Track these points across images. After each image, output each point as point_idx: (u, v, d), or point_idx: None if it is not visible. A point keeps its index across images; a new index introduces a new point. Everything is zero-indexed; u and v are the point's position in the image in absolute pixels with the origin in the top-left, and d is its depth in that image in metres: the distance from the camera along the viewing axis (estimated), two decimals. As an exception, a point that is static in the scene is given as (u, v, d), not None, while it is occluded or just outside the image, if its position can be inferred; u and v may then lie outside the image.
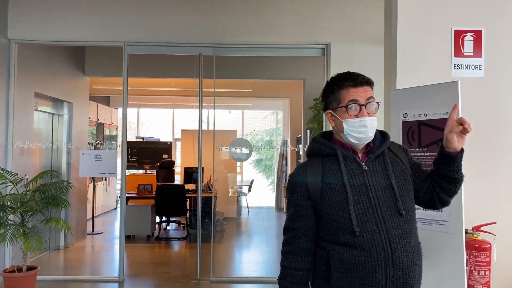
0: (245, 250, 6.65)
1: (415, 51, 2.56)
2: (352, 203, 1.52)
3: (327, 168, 1.60)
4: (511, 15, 2.56)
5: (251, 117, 12.07)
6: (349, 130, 1.59)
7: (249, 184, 8.95)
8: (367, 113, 1.58)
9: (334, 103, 1.62)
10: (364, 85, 1.59)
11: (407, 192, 1.61)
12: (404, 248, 1.50)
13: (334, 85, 1.62)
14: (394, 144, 1.73)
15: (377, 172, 1.59)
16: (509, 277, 2.49)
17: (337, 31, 4.53)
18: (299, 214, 1.62)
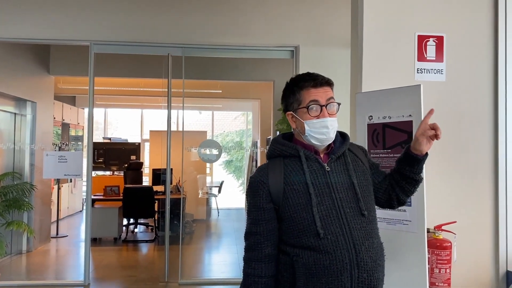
0: (215, 251, 6.63)
1: (380, 55, 2.62)
2: (315, 205, 1.50)
3: (289, 169, 1.57)
4: (470, 22, 2.66)
5: (221, 118, 12.05)
6: (310, 131, 1.58)
7: (219, 185, 8.92)
8: (328, 114, 1.58)
9: (294, 104, 1.61)
10: (324, 86, 1.59)
11: (368, 193, 1.63)
12: (368, 249, 1.51)
13: (294, 86, 1.62)
14: (353, 144, 1.75)
15: (339, 172, 1.59)
16: (467, 274, 2.58)
17: (306, 34, 4.59)
18: (261, 217, 1.58)
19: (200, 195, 8.22)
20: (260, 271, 1.57)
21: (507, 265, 2.61)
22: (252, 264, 1.59)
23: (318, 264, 1.47)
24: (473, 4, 2.67)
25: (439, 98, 2.61)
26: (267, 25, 4.59)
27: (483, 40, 2.66)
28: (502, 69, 2.63)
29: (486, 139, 2.64)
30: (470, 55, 2.65)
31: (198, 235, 7.45)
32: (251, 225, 1.61)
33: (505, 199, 2.61)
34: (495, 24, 2.65)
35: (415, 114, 2.27)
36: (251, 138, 10.34)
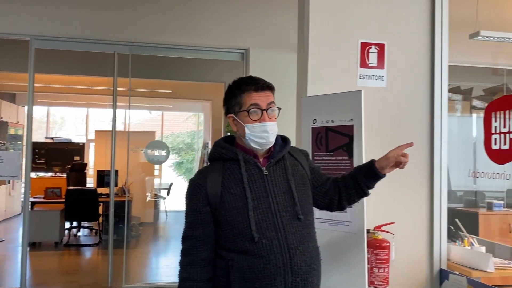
0: (162, 255, 6.51)
1: (325, 61, 2.68)
2: (252, 208, 1.50)
3: (228, 172, 1.57)
4: (410, 31, 2.78)
5: (172, 119, 11.86)
6: (250, 135, 1.58)
7: (168, 187, 8.77)
8: (268, 118, 1.59)
9: (236, 107, 1.62)
10: (266, 90, 1.61)
11: (306, 197, 1.64)
12: (302, 253, 1.51)
13: (236, 88, 1.62)
14: (295, 148, 1.77)
15: (277, 176, 1.60)
16: (404, 272, 2.69)
17: (256, 37, 4.62)
18: (197, 221, 1.56)
19: (149, 198, 8.04)
20: (195, 275, 1.55)
21: (441, 263, 2.75)
22: (188, 268, 1.57)
23: (252, 268, 1.47)
24: (412, 14, 2.80)
25: (379, 103, 2.71)
26: (217, 26, 4.57)
27: (421, 48, 2.79)
28: (438, 76, 2.77)
29: (423, 143, 2.76)
30: (409, 62, 2.78)
31: (145, 238, 7.28)
32: (188, 229, 1.59)
33: (439, 200, 2.74)
34: (432, 34, 2.79)
35: (356, 118, 2.34)
36: (202, 140, 10.26)
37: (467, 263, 2.80)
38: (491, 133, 2.36)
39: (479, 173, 2.88)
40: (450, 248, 2.90)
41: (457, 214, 5.02)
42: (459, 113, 5.64)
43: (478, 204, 5.30)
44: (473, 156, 4.89)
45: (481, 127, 2.63)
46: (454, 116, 5.63)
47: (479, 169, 2.97)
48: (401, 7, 2.78)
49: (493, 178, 2.61)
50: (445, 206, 2.75)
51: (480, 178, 5.12)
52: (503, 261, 2.98)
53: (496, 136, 2.35)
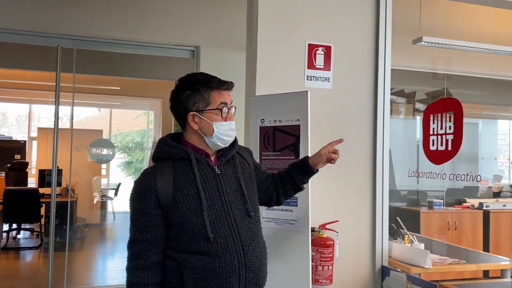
0: (108, 257, 6.31)
1: (273, 61, 2.70)
2: (206, 209, 1.49)
3: (179, 173, 1.53)
4: (355, 35, 2.85)
5: (121, 117, 11.52)
6: (219, 133, 1.58)
7: (116, 187, 8.51)
8: (232, 117, 1.65)
9: (200, 104, 1.57)
10: (231, 89, 1.65)
11: (254, 194, 1.69)
12: (254, 250, 1.56)
13: (200, 85, 1.58)
14: (240, 147, 1.79)
15: (229, 175, 1.61)
16: (348, 270, 2.76)
17: (207, 35, 4.57)
18: (148, 224, 1.51)
19: (97, 198, 7.77)
20: (146, 279, 1.51)
21: (382, 260, 2.83)
22: (138, 272, 1.52)
23: (208, 268, 1.47)
24: (358, 18, 2.87)
25: (325, 104, 2.76)
26: (167, 22, 4.48)
27: (365, 52, 2.87)
28: (381, 79, 2.86)
29: (366, 144, 2.84)
30: (354, 65, 2.84)
31: (91, 240, 7.02)
32: (137, 233, 1.52)
33: (381, 199, 2.83)
34: (376, 38, 2.88)
35: (303, 118, 2.37)
36: (152, 139, 10.03)
37: (407, 259, 2.91)
38: (429, 134, 2.47)
39: (419, 173, 3.00)
40: (392, 246, 3.00)
41: (400, 212, 5.23)
42: (403, 115, 5.86)
43: (420, 203, 5.54)
44: (417, 157, 5.11)
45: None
46: (398, 119, 5.85)
47: (421, 170, 3.10)
48: (347, 11, 2.85)
49: (431, 178, 2.73)
50: (387, 205, 2.85)
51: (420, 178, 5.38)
52: (440, 257, 3.13)
53: (433, 137, 2.46)
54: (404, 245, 3.05)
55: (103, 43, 4.45)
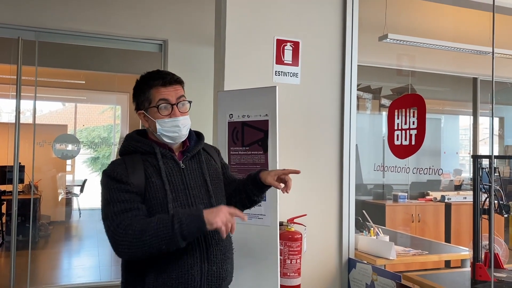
0: (73, 255, 6.16)
1: (242, 56, 2.69)
2: (171, 201, 1.51)
3: (147, 164, 1.56)
4: (323, 31, 2.89)
5: (86, 112, 11.22)
6: (162, 130, 1.58)
7: (82, 184, 8.31)
8: (179, 113, 1.59)
9: (145, 103, 1.60)
10: (174, 84, 1.60)
11: (220, 189, 1.71)
12: (217, 243, 1.58)
13: (143, 84, 1.60)
14: (208, 145, 1.81)
15: (193, 170, 1.63)
16: (315, 263, 2.80)
17: (175, 29, 4.51)
18: (134, 199, 1.47)
19: (63, 195, 7.56)
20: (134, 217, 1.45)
21: (349, 253, 2.90)
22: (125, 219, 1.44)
23: (169, 260, 1.48)
24: (325, 14, 2.90)
25: (293, 99, 2.78)
26: (134, 15, 4.39)
27: (333, 48, 2.91)
28: (348, 75, 2.91)
29: (333, 138, 2.89)
30: (322, 61, 2.88)
31: (55, 238, 6.83)
32: (124, 204, 1.45)
33: (348, 193, 2.89)
34: (343, 35, 2.92)
35: (271, 113, 2.38)
36: (119, 134, 9.84)
37: (372, 251, 2.98)
38: (394, 129, 2.53)
39: (384, 167, 3.07)
40: (358, 238, 3.07)
41: (367, 206, 5.36)
42: (369, 111, 5.99)
43: (386, 196, 5.68)
44: (382, 151, 5.24)
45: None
46: (365, 114, 5.97)
47: (387, 164, 3.17)
48: (315, 7, 2.87)
49: (396, 172, 2.80)
50: (353, 199, 2.91)
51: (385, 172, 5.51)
52: (404, 248, 3.23)
53: (398, 132, 2.53)
54: (370, 237, 3.13)
55: (67, 36, 4.32)
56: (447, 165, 6.47)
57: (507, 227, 6.21)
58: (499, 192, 2.32)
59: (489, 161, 2.23)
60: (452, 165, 6.59)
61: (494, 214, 2.31)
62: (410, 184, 5.89)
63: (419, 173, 2.84)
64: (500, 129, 7.16)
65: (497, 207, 2.31)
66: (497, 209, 2.31)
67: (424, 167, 2.74)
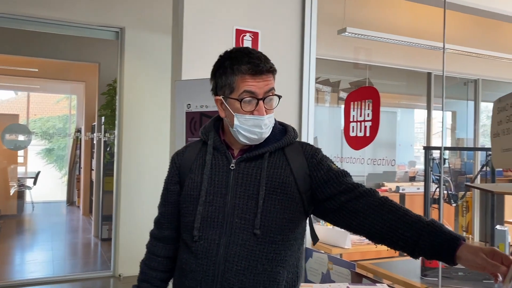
0: (26, 249, 5.92)
1: (200, 45, 2.65)
2: (202, 203, 1.28)
3: (199, 155, 1.37)
4: (282, 23, 2.89)
5: (40, 101, 10.78)
6: (239, 127, 1.28)
7: (35, 176, 7.99)
8: (265, 110, 1.29)
9: (226, 89, 1.30)
10: (266, 74, 1.30)
11: (280, 209, 1.27)
12: (242, 273, 1.24)
13: (228, 66, 1.30)
14: (296, 147, 1.38)
15: (247, 175, 1.29)
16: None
17: (132, 17, 4.39)
18: (165, 198, 1.44)
19: (12, 188, 7.25)
20: (157, 250, 1.46)
21: (306, 242, 2.93)
22: (152, 240, 1.48)
23: (187, 264, 1.31)
24: (285, 6, 2.90)
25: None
26: (90, 1, 4.24)
27: (292, 40, 2.92)
28: (307, 68, 2.94)
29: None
30: (281, 53, 2.89)
31: (6, 232, 6.55)
32: (159, 204, 1.47)
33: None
34: (302, 27, 2.94)
35: (229, 104, 2.37)
36: (75, 125, 9.53)
37: (328, 241, 3.05)
38: (350, 121, 2.58)
39: (341, 158, 3.13)
40: (314, 228, 3.12)
41: (325, 197, 5.45)
42: (328, 104, 6.08)
43: (343, 187, 5.80)
44: (341, 143, 5.34)
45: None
46: (324, 107, 6.06)
47: (344, 155, 3.23)
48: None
49: (351, 163, 2.86)
50: (311, 189, 2.95)
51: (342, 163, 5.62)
52: (359, 237, 3.31)
53: (353, 124, 2.58)
54: (327, 227, 3.19)
55: (18, 21, 4.11)
56: (402, 157, 6.69)
57: (457, 216, 6.54)
58: (448, 183, 2.41)
59: (440, 152, 2.32)
60: (407, 157, 6.82)
61: (444, 203, 2.41)
62: (366, 176, 6.04)
63: (373, 163, 2.91)
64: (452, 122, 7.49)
65: (446, 197, 2.41)
66: (446, 198, 2.40)
67: (378, 158, 2.82)
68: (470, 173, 6.71)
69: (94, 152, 6.81)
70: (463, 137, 7.33)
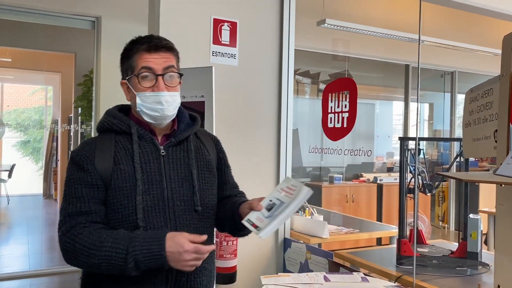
0: (1, 243, 5.81)
1: (177, 35, 2.61)
2: (140, 193, 1.27)
3: (119, 147, 1.32)
4: (261, 13, 2.87)
5: (14, 92, 10.50)
6: (142, 106, 1.32)
7: (10, 169, 7.81)
8: (165, 86, 1.32)
9: (128, 71, 1.35)
10: (161, 51, 1.33)
11: (209, 186, 1.42)
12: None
13: (128, 49, 1.36)
14: (203, 131, 1.54)
15: (177, 159, 1.36)
16: (252, 243, 2.83)
17: (108, 6, 4.30)
18: (95, 195, 1.28)
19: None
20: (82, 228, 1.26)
21: (285, 233, 2.96)
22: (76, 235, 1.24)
23: None
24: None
25: (231, 81, 2.76)
26: (64, -11, 4.13)
27: (271, 31, 2.91)
28: (286, 59, 2.93)
29: (271, 121, 2.91)
30: (260, 43, 2.87)
31: (-20, 226, 6.42)
32: (79, 204, 1.27)
33: (284, 175, 2.93)
34: (281, 18, 2.93)
35: (207, 95, 2.35)
36: (51, 116, 9.33)
37: (307, 231, 3.07)
38: (328, 112, 2.60)
39: (319, 149, 3.15)
40: (293, 218, 3.15)
41: (304, 187, 5.49)
42: (308, 95, 6.11)
43: (323, 178, 5.86)
44: (321, 135, 5.38)
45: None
46: (304, 98, 6.08)
47: (324, 146, 3.25)
48: (253, -12, 2.85)
49: (329, 154, 2.88)
50: (289, 180, 2.96)
51: (321, 154, 5.65)
52: (337, 227, 3.35)
53: (331, 115, 2.59)
54: (305, 217, 3.21)
55: (-13, 8, 3.98)
56: (380, 148, 6.78)
57: (433, 206, 6.67)
58: (423, 173, 2.45)
59: (415, 143, 2.35)
60: (385, 149, 6.92)
61: (419, 193, 2.45)
62: (345, 167, 6.11)
63: (350, 154, 2.94)
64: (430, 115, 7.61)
65: (421, 187, 2.45)
66: (421, 188, 2.44)
67: (355, 149, 2.85)
68: (447, 164, 6.86)
69: (71, 144, 6.70)
70: (440, 129, 7.46)
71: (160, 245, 1.18)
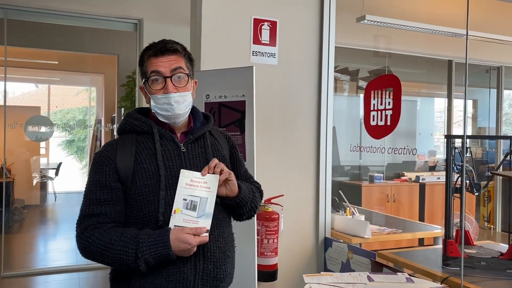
0: (49, 239, 6.08)
1: (218, 35, 2.65)
2: (164, 188, 1.35)
3: (141, 146, 1.41)
4: (300, 11, 2.86)
5: (60, 93, 10.94)
6: (156, 108, 1.42)
7: (57, 167, 8.16)
8: (173, 87, 1.40)
9: (143, 76, 1.46)
10: (167, 54, 1.41)
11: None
12: (217, 239, 1.41)
13: (142, 55, 1.46)
14: (215, 128, 1.64)
15: (196, 155, 1.45)
16: (292, 242, 2.84)
17: (150, 8, 4.41)
18: (106, 197, 1.37)
19: (38, 179, 7.41)
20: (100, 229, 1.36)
21: (325, 232, 2.94)
22: (92, 232, 1.35)
23: None
24: (303, -6, 2.87)
25: (271, 80, 2.77)
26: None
27: (310, 29, 2.89)
28: (326, 56, 2.90)
29: (310, 119, 2.90)
30: (299, 42, 2.86)
31: (30, 222, 6.73)
32: (92, 206, 1.36)
33: (324, 174, 2.91)
34: (321, 15, 2.90)
35: (248, 94, 2.37)
36: (95, 116, 9.66)
37: (348, 230, 3.04)
38: (370, 110, 2.56)
39: (361, 148, 3.11)
40: (334, 218, 3.12)
41: (343, 186, 5.43)
42: (347, 92, 6.02)
43: (362, 177, 5.78)
44: (359, 133, 5.30)
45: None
46: (342, 96, 6.00)
47: (363, 145, 3.21)
48: (292, -14, 2.84)
49: (371, 152, 2.84)
50: (330, 180, 2.94)
51: (361, 152, 5.56)
52: (379, 227, 3.29)
53: (374, 113, 2.55)
54: (346, 217, 3.18)
55: (37, 13, 4.18)
56: (422, 146, 6.60)
57: (478, 206, 6.43)
58: (471, 172, 2.37)
59: (462, 141, 2.27)
60: (427, 147, 6.73)
61: (466, 193, 2.37)
62: (386, 165, 5.99)
63: (393, 153, 2.88)
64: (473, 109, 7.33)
65: (469, 186, 2.37)
66: (468, 187, 2.36)
67: (399, 148, 2.79)
68: (492, 163, 6.58)
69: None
70: (485, 126, 7.18)
71: (167, 247, 1.29)
